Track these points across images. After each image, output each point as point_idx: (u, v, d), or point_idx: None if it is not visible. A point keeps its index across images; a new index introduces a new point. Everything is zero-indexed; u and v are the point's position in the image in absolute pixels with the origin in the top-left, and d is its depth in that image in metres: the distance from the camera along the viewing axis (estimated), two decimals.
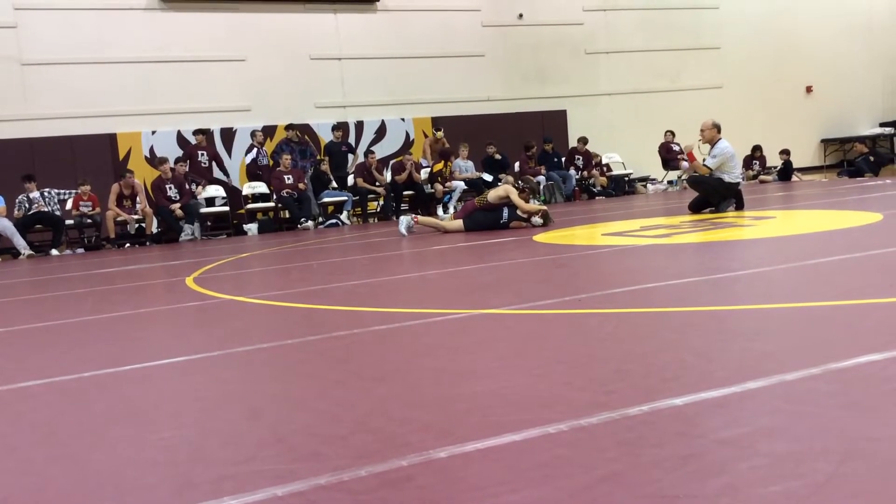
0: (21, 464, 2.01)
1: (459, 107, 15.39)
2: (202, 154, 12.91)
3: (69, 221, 11.60)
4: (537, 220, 8.40)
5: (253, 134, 13.37)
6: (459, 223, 8.71)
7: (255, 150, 13.23)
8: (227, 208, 12.89)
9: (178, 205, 11.71)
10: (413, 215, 9.46)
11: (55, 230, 11.30)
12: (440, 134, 14.25)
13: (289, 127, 13.47)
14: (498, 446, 1.80)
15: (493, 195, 8.63)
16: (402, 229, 8.81)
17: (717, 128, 8.79)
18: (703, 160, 8.75)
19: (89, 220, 11.64)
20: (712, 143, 8.74)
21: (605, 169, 15.59)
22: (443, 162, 13.71)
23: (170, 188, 11.88)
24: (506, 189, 8.66)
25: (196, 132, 13.00)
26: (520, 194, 8.60)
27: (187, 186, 12.09)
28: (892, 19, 19.46)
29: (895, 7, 19.51)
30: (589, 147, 15.21)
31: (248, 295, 4.91)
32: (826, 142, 18.95)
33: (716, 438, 1.74)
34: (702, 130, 8.90)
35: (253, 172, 13.25)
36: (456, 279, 5.08)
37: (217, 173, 13.25)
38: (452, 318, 3.51)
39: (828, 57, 18.70)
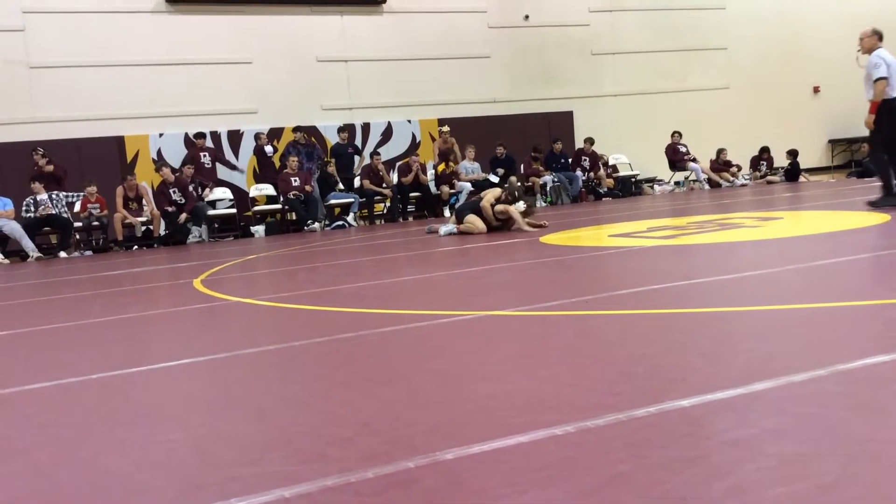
0: (28, 465, 2.02)
1: (465, 108, 15.39)
2: (205, 156, 12.98)
3: (77, 224, 11.64)
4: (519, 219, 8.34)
5: (257, 137, 13.42)
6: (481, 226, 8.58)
7: (266, 147, 13.37)
8: (234, 210, 12.93)
9: (184, 215, 11.73)
10: (455, 225, 8.98)
11: (63, 232, 11.34)
12: (446, 129, 14.23)
13: (296, 129, 13.51)
14: (504, 448, 1.80)
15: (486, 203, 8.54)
16: (442, 231, 8.75)
17: (879, 35, 7.82)
18: (873, 78, 7.46)
19: (97, 223, 11.68)
20: (871, 51, 7.73)
21: (611, 170, 15.57)
22: (443, 164, 13.71)
23: (174, 192, 11.91)
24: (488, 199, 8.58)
25: (196, 136, 13.07)
26: (505, 197, 8.46)
27: (191, 189, 12.10)
28: None
29: None
30: (595, 148, 15.20)
31: (255, 297, 4.92)
32: (833, 142, 18.89)
33: (723, 440, 1.74)
34: (860, 39, 7.91)
35: (263, 165, 13.40)
36: (462, 281, 5.08)
37: (221, 173, 13.33)
38: (458, 319, 3.51)
39: (835, 57, 18.59)
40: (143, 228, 11.98)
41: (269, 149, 13.37)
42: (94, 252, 11.57)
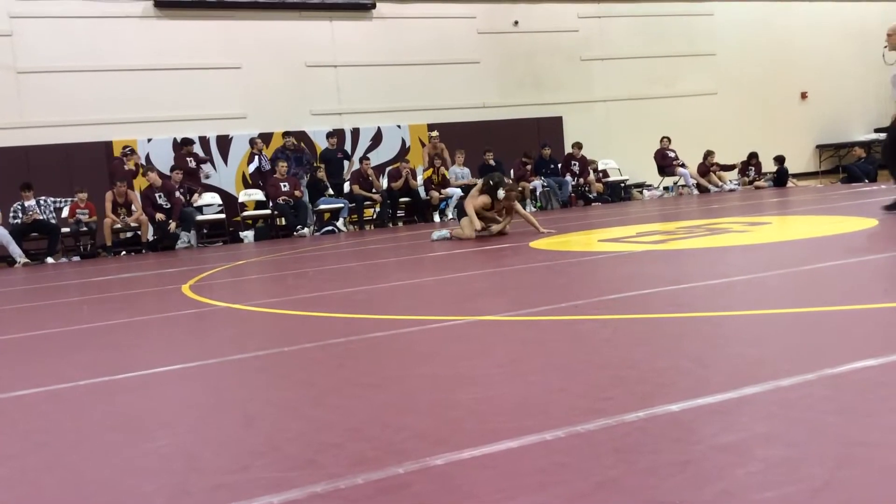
0: (16, 472, 2.00)
1: (455, 114, 15.41)
2: (191, 161, 12.96)
3: (65, 229, 11.58)
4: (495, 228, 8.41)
5: (252, 142, 13.38)
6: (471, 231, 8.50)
7: (256, 157, 13.24)
8: (223, 216, 12.89)
9: (173, 224, 11.67)
10: (450, 232, 8.87)
11: (51, 238, 11.29)
12: (435, 134, 14.25)
13: (285, 134, 13.48)
14: (494, 453, 1.80)
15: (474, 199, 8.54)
16: (435, 236, 8.71)
17: None
18: None
19: (85, 228, 11.62)
20: None
21: (601, 175, 15.62)
22: (432, 169, 13.72)
23: (159, 196, 11.85)
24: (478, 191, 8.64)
25: (182, 142, 13.03)
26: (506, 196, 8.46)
27: (178, 195, 12.03)
28: (885, 26, 19.52)
29: (888, 14, 19.59)
30: (585, 153, 15.25)
31: (243, 302, 4.90)
32: (821, 147, 19.02)
33: (712, 444, 1.74)
34: (888, 35, 7.75)
35: (257, 180, 13.28)
36: (452, 286, 5.07)
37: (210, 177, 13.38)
38: (448, 324, 3.51)
39: (822, 63, 18.78)
40: (131, 234, 11.92)
41: (265, 163, 13.23)
42: (81, 258, 11.51)
